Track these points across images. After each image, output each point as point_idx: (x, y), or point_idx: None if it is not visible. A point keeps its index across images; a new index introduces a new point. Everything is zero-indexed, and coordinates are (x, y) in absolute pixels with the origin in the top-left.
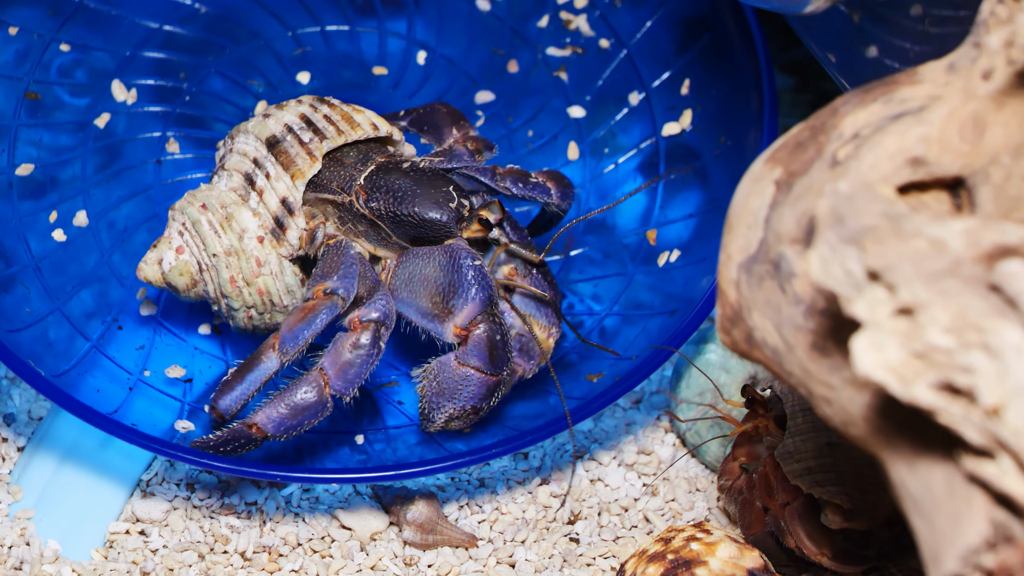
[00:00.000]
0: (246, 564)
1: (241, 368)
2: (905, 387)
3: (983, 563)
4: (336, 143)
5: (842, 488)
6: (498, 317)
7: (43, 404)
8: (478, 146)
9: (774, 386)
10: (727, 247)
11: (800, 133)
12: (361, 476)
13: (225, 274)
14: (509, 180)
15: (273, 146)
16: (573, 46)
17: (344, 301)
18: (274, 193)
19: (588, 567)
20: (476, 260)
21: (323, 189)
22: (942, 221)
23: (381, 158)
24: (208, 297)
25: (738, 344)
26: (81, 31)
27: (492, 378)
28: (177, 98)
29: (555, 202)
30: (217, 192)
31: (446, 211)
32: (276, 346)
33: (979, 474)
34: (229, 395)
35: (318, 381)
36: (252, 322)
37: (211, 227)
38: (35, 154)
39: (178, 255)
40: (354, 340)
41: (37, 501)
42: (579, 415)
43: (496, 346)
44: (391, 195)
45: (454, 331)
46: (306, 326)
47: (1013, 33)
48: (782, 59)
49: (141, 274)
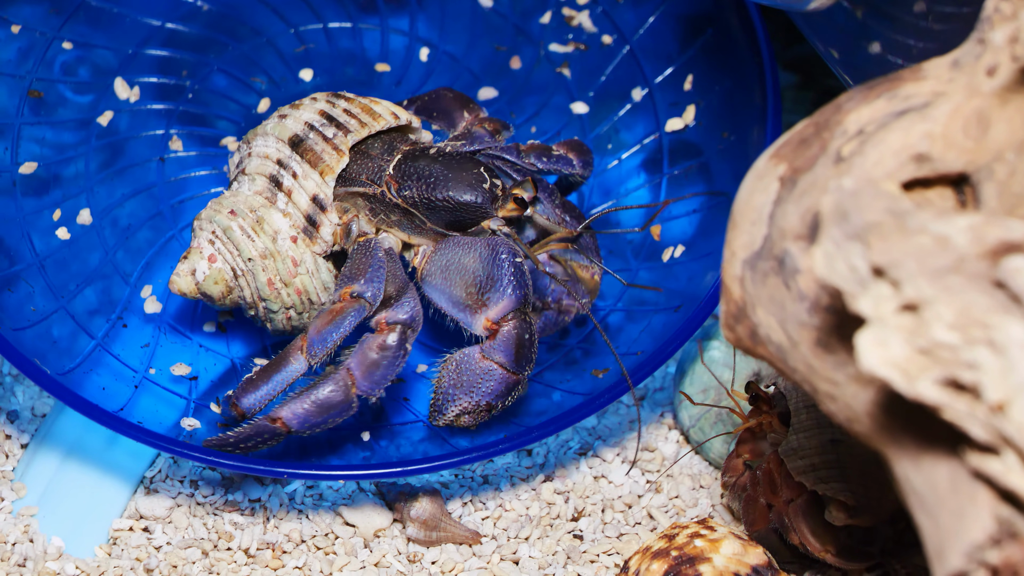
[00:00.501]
0: (250, 561)
1: (267, 368)
2: (910, 383)
3: (988, 559)
4: (360, 135)
5: (846, 485)
6: (529, 317)
7: (47, 401)
8: (496, 127)
9: (778, 383)
10: (731, 243)
11: (804, 129)
12: (365, 473)
13: (262, 277)
14: (533, 156)
15: (297, 145)
16: (575, 42)
17: (371, 305)
18: (303, 192)
19: (592, 564)
20: (517, 257)
21: (352, 183)
22: (946, 217)
23: (406, 146)
24: (244, 303)
25: (742, 340)
26: (83, 29)
27: (513, 376)
28: (180, 95)
29: (578, 172)
30: (243, 197)
31: (480, 192)
32: (304, 348)
33: (984, 470)
34: (254, 394)
35: (345, 381)
36: (291, 322)
37: (243, 232)
38: (38, 152)
39: (211, 264)
40: (381, 341)
41: (41, 498)
42: (584, 411)
43: (524, 344)
44: (423, 182)
45: (485, 324)
46: (334, 329)
47: (1018, 29)
48: (786, 56)
49: (175, 287)
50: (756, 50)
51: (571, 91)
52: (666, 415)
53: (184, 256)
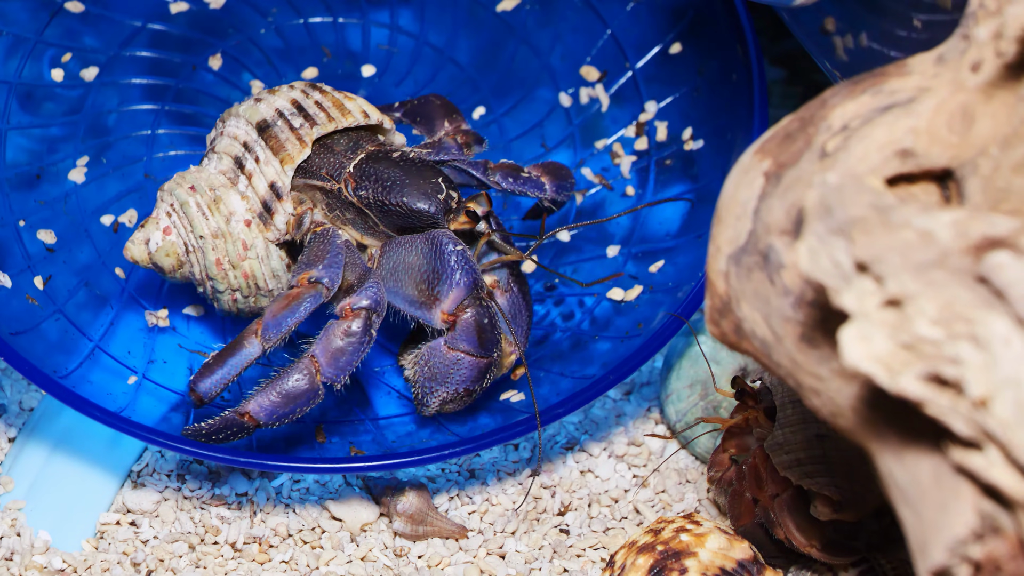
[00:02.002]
0: (236, 555)
1: (223, 352)
2: (893, 378)
3: (970, 554)
4: (326, 130)
5: (831, 479)
6: (484, 300)
7: (34, 395)
8: (468, 140)
9: (764, 377)
10: (716, 238)
11: (789, 125)
12: (351, 466)
13: (211, 256)
14: (500, 175)
15: (263, 130)
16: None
17: (328, 291)
18: (263, 177)
19: (578, 558)
20: (458, 245)
21: (312, 175)
22: (930, 212)
23: (371, 147)
24: (194, 279)
25: (727, 335)
26: (69, 29)
27: (483, 360)
28: (166, 95)
29: (549, 196)
30: (206, 174)
31: (434, 202)
32: (259, 332)
33: (966, 465)
34: (210, 378)
35: (309, 368)
36: (236, 304)
37: (199, 209)
38: (26, 152)
39: (165, 236)
40: (345, 327)
41: (28, 492)
42: (569, 406)
43: (484, 329)
44: (380, 184)
45: (442, 317)
46: (289, 314)
47: (1002, 25)
48: (773, 50)
49: (128, 254)
50: (743, 44)
51: (556, 81)
52: (652, 409)
53: (142, 224)
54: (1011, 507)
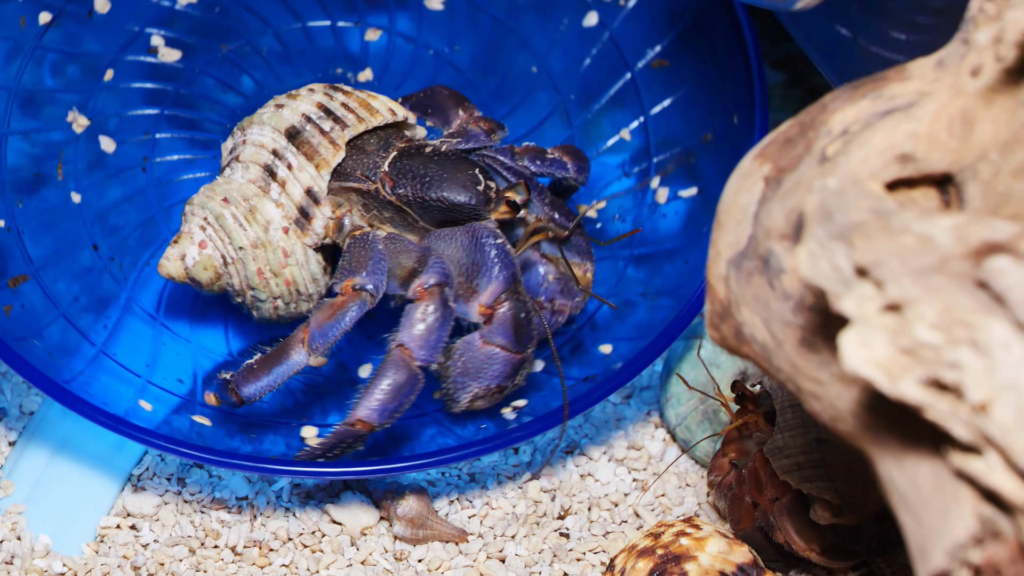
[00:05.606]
0: (237, 559)
1: (269, 358)
2: (892, 383)
3: (970, 558)
4: (357, 130)
5: (831, 484)
6: (522, 295)
7: (35, 398)
8: (491, 126)
9: (763, 382)
10: (716, 243)
11: (789, 129)
12: (352, 470)
13: (252, 267)
14: (527, 158)
15: (294, 137)
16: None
17: (373, 298)
18: (298, 183)
19: (578, 562)
20: (498, 238)
21: (347, 178)
22: (930, 217)
23: (401, 143)
24: (232, 290)
25: (727, 340)
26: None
27: (517, 356)
28: (165, 100)
29: (572, 176)
30: (236, 185)
31: (474, 194)
32: (305, 341)
33: (966, 470)
34: (255, 384)
35: (402, 357)
36: (278, 312)
37: (235, 220)
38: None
39: (201, 250)
40: (423, 308)
41: (28, 495)
42: (570, 410)
43: (521, 324)
44: (418, 180)
45: (479, 310)
46: (335, 323)
47: (1001, 30)
48: (774, 54)
49: (163, 270)
50: (743, 48)
51: (555, 83)
52: (652, 413)
53: (174, 240)
54: (1011, 512)
